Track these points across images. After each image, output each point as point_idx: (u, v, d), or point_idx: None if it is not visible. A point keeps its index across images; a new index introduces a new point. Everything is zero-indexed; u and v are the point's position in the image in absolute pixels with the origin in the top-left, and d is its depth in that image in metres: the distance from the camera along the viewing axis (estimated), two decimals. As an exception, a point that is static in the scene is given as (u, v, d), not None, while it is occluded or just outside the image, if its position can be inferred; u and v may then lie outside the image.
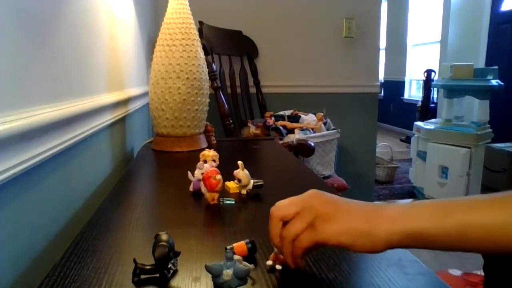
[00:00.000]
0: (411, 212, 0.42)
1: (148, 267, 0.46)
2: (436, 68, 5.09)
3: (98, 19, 0.99)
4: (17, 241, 0.54)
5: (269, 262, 0.49)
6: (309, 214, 0.44)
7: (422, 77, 5.28)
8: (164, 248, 0.45)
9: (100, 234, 0.60)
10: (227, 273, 0.43)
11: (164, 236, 0.46)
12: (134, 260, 0.46)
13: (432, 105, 5.11)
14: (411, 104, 5.95)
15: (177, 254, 0.48)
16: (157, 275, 0.46)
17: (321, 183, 0.92)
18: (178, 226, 0.63)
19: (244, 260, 0.48)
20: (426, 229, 0.41)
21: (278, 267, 0.49)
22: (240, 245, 0.51)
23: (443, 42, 4.66)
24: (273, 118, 2.00)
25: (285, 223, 0.46)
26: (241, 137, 1.90)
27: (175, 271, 0.48)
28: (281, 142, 1.76)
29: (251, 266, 0.46)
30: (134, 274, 0.46)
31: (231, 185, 0.81)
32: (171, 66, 1.18)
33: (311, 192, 0.47)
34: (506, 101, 3.98)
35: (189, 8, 1.22)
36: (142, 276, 0.46)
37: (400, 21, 6.23)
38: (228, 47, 2.14)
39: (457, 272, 1.76)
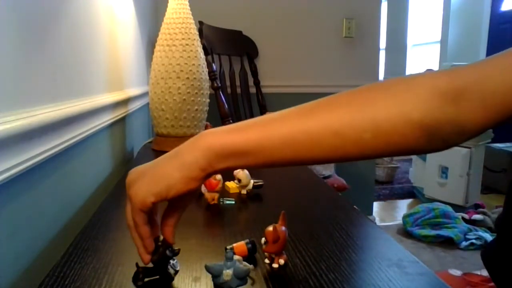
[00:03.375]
0: (215, 129, 0.41)
1: (150, 269, 0.46)
2: (436, 68, 5.09)
3: (98, 19, 0.99)
4: (17, 241, 0.54)
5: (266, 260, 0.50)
6: (126, 190, 0.42)
7: (422, 77, 5.27)
8: (159, 248, 0.45)
9: (100, 234, 0.60)
10: (227, 273, 0.43)
11: (161, 236, 0.46)
12: (137, 264, 0.46)
13: (432, 105, 5.10)
14: (411, 104, 5.94)
15: (175, 252, 0.48)
16: (160, 275, 0.46)
17: (321, 183, 0.92)
18: (178, 226, 0.63)
19: (244, 260, 0.47)
20: (227, 141, 0.39)
21: (275, 265, 0.49)
22: (240, 245, 0.51)
23: (443, 42, 4.66)
24: (273, 118, 2.00)
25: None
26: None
27: (177, 272, 0.48)
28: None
29: (251, 266, 0.46)
30: (138, 279, 0.45)
31: (231, 185, 0.81)
32: (171, 66, 1.18)
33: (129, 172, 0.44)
34: (506, 101, 3.98)
35: (189, 8, 1.22)
36: (146, 279, 0.46)
37: (400, 21, 6.22)
38: (228, 47, 2.14)
39: (457, 272, 1.76)
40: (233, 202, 0.75)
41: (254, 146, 0.39)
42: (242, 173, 0.78)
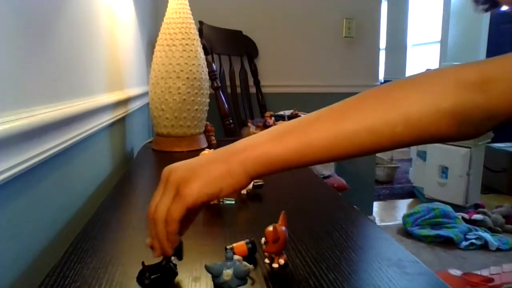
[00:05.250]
0: (256, 139, 0.44)
1: (155, 266, 0.45)
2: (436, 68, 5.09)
3: (98, 19, 0.99)
4: (17, 241, 0.54)
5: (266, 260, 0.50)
6: (171, 186, 0.43)
7: (422, 77, 5.27)
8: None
9: (100, 234, 0.60)
10: (227, 273, 0.43)
11: None
12: (143, 263, 0.45)
13: (432, 105, 5.09)
14: (411, 104, 5.93)
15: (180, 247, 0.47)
16: (165, 272, 0.46)
17: (321, 183, 0.92)
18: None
19: (244, 260, 0.47)
20: (271, 151, 0.42)
21: (275, 265, 0.49)
22: (240, 245, 0.51)
23: (443, 42, 4.66)
24: (273, 118, 2.00)
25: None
26: (241, 137, 1.90)
27: (175, 265, 0.48)
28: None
29: (251, 266, 0.46)
30: (144, 277, 0.45)
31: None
32: (171, 66, 1.18)
33: (165, 169, 0.46)
34: (506, 101, 3.97)
35: (189, 8, 1.22)
36: (152, 276, 0.45)
37: (400, 21, 6.23)
38: (228, 47, 2.14)
39: (457, 272, 1.76)
40: (233, 202, 0.75)
41: (295, 154, 0.42)
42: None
